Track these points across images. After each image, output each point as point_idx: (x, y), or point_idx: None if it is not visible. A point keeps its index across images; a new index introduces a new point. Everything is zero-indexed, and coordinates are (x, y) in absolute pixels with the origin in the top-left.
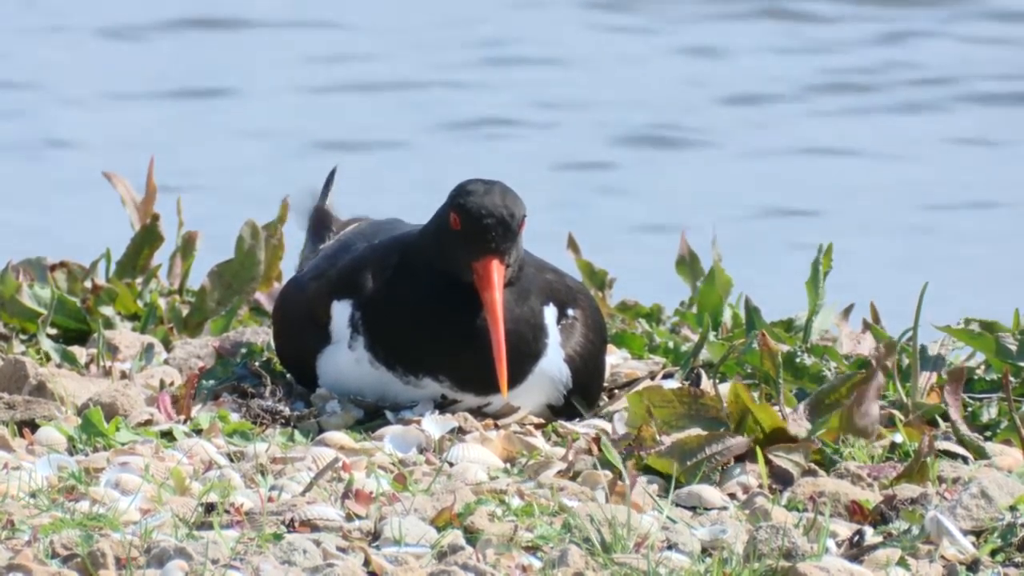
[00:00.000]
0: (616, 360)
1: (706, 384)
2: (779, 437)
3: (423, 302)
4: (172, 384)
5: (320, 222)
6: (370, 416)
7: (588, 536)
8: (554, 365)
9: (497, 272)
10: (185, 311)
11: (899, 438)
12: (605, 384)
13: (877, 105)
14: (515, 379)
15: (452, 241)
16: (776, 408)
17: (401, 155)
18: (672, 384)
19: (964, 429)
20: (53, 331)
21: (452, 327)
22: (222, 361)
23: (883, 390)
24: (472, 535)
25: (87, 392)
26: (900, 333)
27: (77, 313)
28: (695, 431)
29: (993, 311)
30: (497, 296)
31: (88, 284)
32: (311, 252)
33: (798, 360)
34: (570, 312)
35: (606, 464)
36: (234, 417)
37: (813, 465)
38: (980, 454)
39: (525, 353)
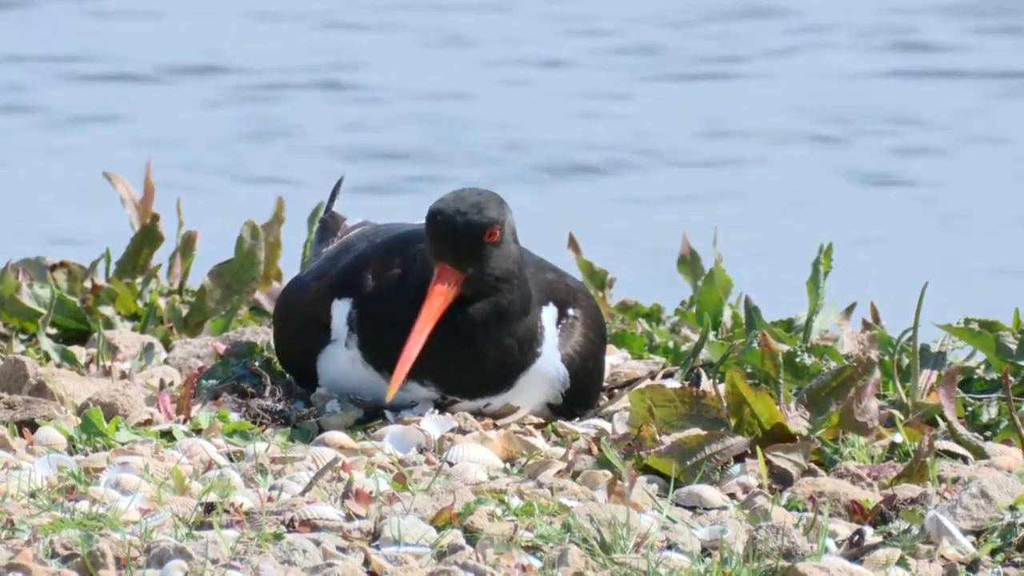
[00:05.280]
0: (616, 360)
1: (706, 384)
2: (778, 433)
3: (409, 306)
4: (172, 384)
5: (327, 227)
6: (370, 416)
7: (588, 536)
8: (552, 365)
9: (443, 279)
10: (185, 311)
11: (899, 438)
12: (605, 384)
13: None
14: (500, 386)
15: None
16: (777, 408)
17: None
18: (673, 384)
19: (961, 429)
20: (53, 331)
21: (437, 332)
22: (222, 361)
23: (878, 386)
24: (472, 535)
25: (87, 392)
26: (900, 332)
27: (77, 313)
28: (695, 431)
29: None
30: (433, 305)
31: (88, 284)
32: (314, 255)
33: (798, 360)
34: (570, 312)
35: (606, 464)
36: (234, 417)
37: (813, 465)
38: (979, 454)
39: (510, 364)
